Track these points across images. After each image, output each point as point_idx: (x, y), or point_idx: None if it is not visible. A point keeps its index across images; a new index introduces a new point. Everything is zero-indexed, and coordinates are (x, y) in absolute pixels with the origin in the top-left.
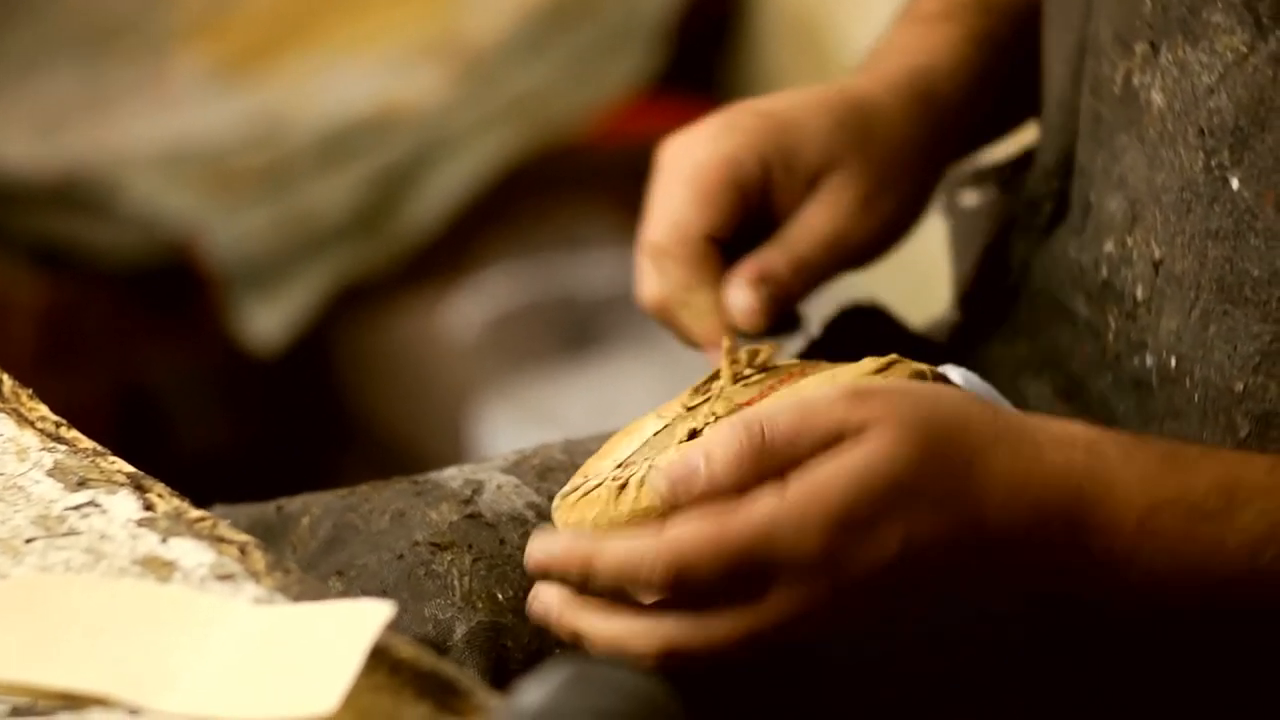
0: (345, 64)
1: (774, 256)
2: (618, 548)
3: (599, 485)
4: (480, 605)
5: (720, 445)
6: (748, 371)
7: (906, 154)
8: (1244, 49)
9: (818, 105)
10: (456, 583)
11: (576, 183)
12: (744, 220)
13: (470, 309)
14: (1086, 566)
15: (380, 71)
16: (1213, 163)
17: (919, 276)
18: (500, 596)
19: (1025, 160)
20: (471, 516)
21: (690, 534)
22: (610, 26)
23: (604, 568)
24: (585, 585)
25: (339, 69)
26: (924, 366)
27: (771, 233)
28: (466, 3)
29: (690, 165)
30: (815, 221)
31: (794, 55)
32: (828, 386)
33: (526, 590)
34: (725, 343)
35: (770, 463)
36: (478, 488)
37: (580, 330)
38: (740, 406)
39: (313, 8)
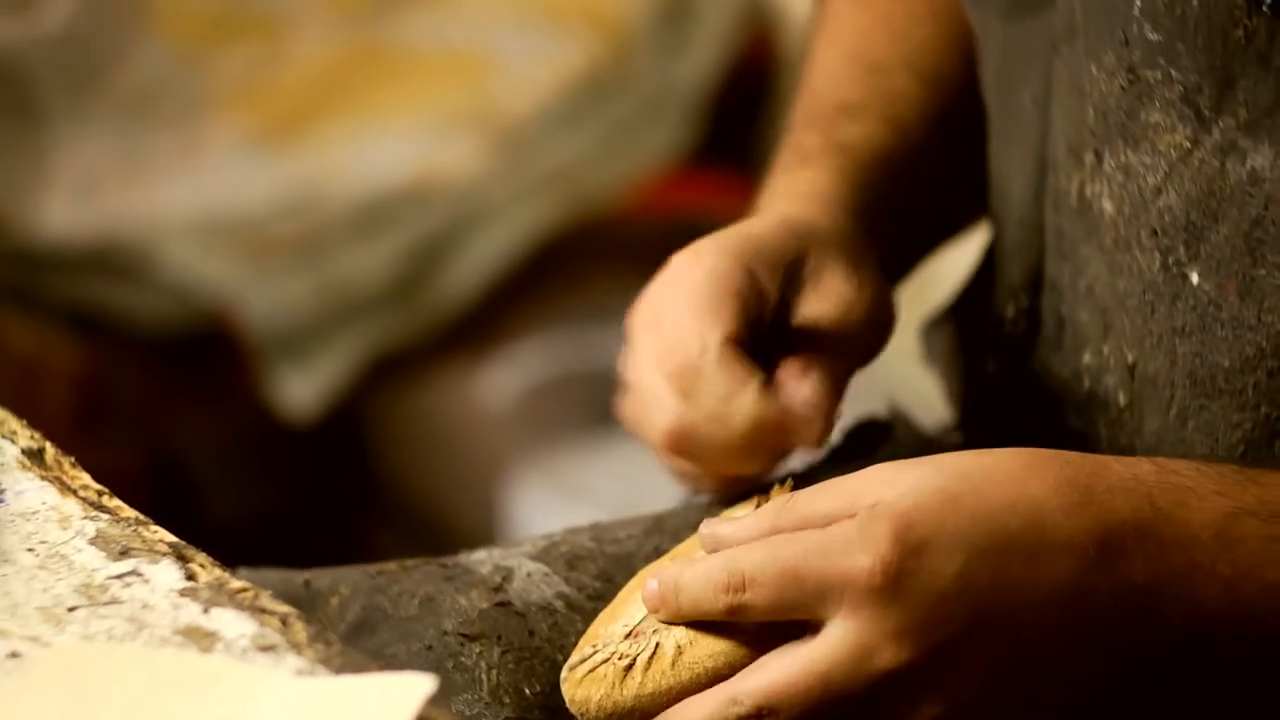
0: (381, 133)
1: (804, 350)
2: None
3: (605, 661)
4: (508, 700)
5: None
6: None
7: (857, 244)
8: (1187, 144)
9: (771, 224)
10: (484, 676)
11: (611, 255)
12: (751, 331)
13: (503, 380)
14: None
15: (416, 141)
16: (1169, 260)
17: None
18: (528, 691)
19: (974, 289)
20: (501, 605)
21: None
22: (646, 99)
23: None
24: None
25: (375, 138)
26: None
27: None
28: (503, 74)
29: (686, 286)
30: (818, 308)
31: None
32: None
33: (554, 686)
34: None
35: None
36: (507, 574)
37: (613, 403)
38: None
39: (349, 77)
